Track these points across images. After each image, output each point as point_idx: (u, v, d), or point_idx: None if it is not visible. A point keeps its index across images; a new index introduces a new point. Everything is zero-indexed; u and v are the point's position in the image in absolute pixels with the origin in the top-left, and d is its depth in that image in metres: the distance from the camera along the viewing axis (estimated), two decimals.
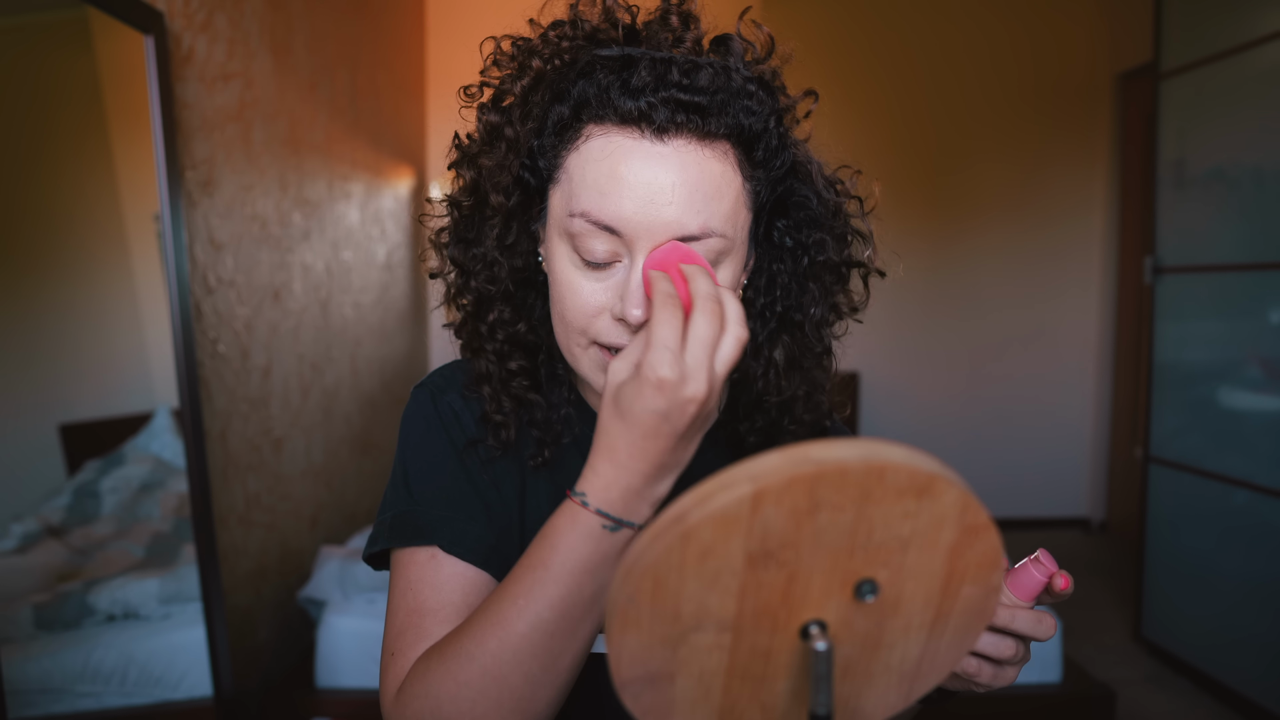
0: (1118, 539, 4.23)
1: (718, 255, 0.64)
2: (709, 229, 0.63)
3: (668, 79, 0.62)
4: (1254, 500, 2.49)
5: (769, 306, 0.74)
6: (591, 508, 0.57)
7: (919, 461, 0.42)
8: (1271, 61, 2.42)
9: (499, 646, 0.58)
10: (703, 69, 0.63)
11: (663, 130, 0.62)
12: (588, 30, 0.66)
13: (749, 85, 0.65)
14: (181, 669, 1.71)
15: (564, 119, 0.65)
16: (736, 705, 0.50)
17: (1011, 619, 0.58)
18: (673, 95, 0.61)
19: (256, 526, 2.05)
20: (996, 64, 4.32)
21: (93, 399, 1.86)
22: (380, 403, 3.01)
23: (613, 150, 0.63)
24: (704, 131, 0.62)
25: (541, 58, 0.66)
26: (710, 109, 0.62)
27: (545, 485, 0.74)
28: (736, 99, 0.63)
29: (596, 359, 0.66)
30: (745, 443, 0.76)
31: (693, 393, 0.53)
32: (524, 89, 0.66)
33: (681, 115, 0.62)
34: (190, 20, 1.78)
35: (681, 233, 0.62)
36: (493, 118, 0.68)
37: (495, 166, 0.67)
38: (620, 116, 0.62)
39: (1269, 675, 2.44)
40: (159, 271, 1.72)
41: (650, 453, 0.55)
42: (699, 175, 0.62)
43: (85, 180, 1.82)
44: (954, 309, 4.45)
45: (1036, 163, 4.35)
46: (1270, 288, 2.46)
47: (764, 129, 0.65)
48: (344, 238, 2.67)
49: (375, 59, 2.97)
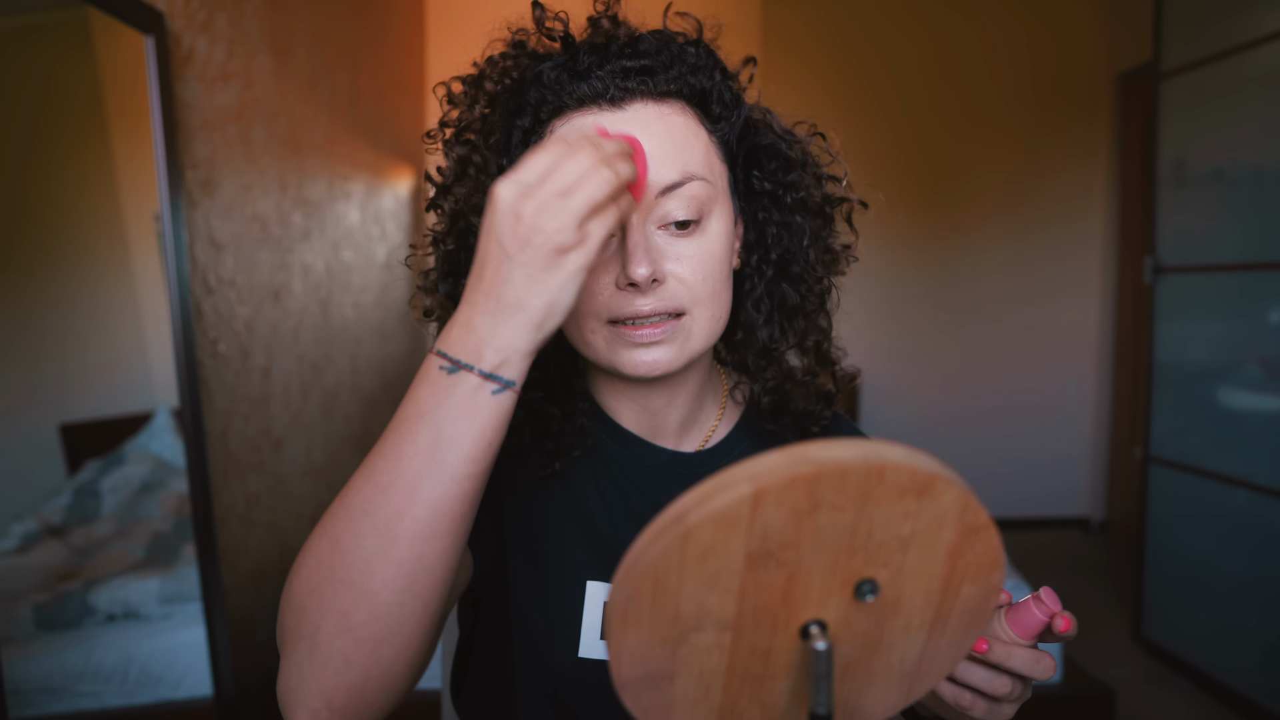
0: (1118, 539, 4.23)
1: (704, 203, 0.66)
2: (689, 173, 0.65)
3: (610, 53, 0.66)
4: (1254, 500, 2.49)
5: (764, 257, 0.75)
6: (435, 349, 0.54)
7: (919, 461, 0.42)
8: (1271, 61, 2.42)
9: (336, 506, 0.54)
10: (642, 37, 0.67)
11: (617, 99, 0.65)
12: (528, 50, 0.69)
13: (688, 47, 0.68)
14: (182, 668, 1.71)
15: (527, 128, 0.68)
16: (736, 705, 0.50)
17: (1008, 656, 0.57)
18: (619, 65, 0.65)
19: (257, 526, 2.05)
20: (996, 64, 4.32)
21: (93, 399, 1.86)
22: (380, 403, 3.01)
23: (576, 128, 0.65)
24: (657, 92, 0.65)
25: (491, 80, 0.68)
26: (656, 69, 0.65)
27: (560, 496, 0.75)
28: (680, 60, 0.67)
29: (613, 338, 0.67)
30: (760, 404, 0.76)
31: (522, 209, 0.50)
32: (481, 114, 0.69)
33: (632, 81, 0.65)
34: (190, 20, 1.78)
35: (662, 184, 0.64)
36: (459, 150, 0.69)
37: (470, 192, 0.68)
38: (577, 100, 0.65)
39: (1269, 675, 2.44)
40: (159, 271, 1.72)
41: (486, 281, 0.52)
42: (664, 129, 0.65)
43: (85, 180, 1.82)
44: (954, 309, 4.45)
45: (1036, 163, 4.35)
46: (1270, 288, 2.46)
47: (712, 84, 0.68)
48: (344, 238, 2.67)
49: (375, 59, 2.97)
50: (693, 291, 0.66)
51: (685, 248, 0.66)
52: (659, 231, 0.66)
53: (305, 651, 0.53)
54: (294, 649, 0.53)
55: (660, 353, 0.66)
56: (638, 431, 0.76)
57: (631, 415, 0.76)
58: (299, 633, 0.53)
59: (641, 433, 0.76)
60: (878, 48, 4.33)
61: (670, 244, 0.66)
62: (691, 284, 0.66)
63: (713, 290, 0.67)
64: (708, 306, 0.67)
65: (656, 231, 0.65)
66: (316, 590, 0.53)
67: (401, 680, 0.55)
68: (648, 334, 0.65)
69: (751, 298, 0.75)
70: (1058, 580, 3.66)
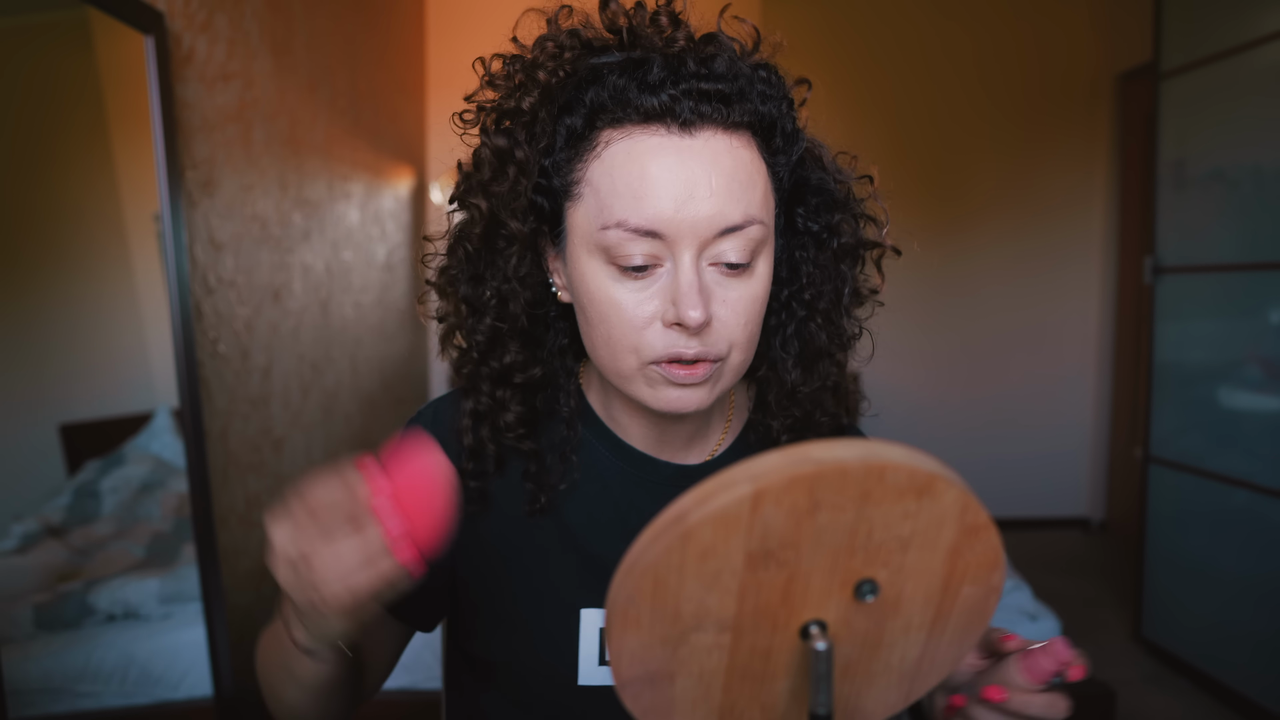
0: (1117, 539, 4.23)
1: (757, 245, 0.63)
2: (751, 216, 0.61)
3: (684, 71, 0.61)
4: (1253, 500, 2.49)
5: (795, 295, 0.72)
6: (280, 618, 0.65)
7: (919, 461, 0.42)
8: (1271, 61, 2.42)
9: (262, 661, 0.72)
10: (718, 57, 0.62)
11: (689, 123, 0.60)
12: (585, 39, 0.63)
13: (760, 71, 0.64)
14: (182, 669, 1.71)
15: (577, 130, 0.63)
16: (736, 705, 0.50)
17: (1026, 704, 0.57)
18: (694, 86, 0.60)
19: (257, 526, 2.05)
20: (996, 64, 4.31)
21: (93, 399, 1.86)
22: (380, 403, 3.01)
23: (640, 151, 0.60)
24: (728, 121, 0.61)
25: (546, 70, 0.63)
26: (732, 97, 0.61)
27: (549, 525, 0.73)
28: (752, 85, 0.62)
29: (653, 376, 0.63)
30: (778, 441, 0.74)
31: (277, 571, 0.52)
32: (531, 105, 0.63)
33: (706, 105, 0.60)
34: (190, 20, 1.78)
35: (725, 224, 0.60)
36: (499, 141, 0.64)
37: (508, 192, 0.64)
38: (642, 115, 0.60)
39: (1269, 675, 2.44)
40: (159, 271, 1.72)
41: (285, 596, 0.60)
42: (733, 164, 0.61)
43: (85, 180, 1.82)
44: (954, 309, 4.45)
45: (1036, 162, 4.35)
46: (1270, 288, 2.46)
47: (779, 114, 0.65)
48: (344, 238, 2.67)
49: (375, 59, 2.97)
50: (733, 336, 0.63)
51: (733, 290, 0.63)
52: (709, 269, 0.62)
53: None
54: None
55: (694, 394, 0.64)
56: (643, 447, 0.75)
57: (639, 432, 0.74)
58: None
59: (647, 448, 0.75)
60: (878, 48, 4.33)
61: (719, 284, 0.62)
62: (734, 328, 0.63)
63: (751, 335, 0.65)
64: (743, 350, 0.65)
65: (707, 269, 0.62)
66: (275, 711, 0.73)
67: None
68: (688, 375, 0.63)
69: (780, 335, 0.73)
70: (1058, 580, 3.66)
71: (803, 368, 0.72)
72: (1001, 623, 2.17)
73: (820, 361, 0.73)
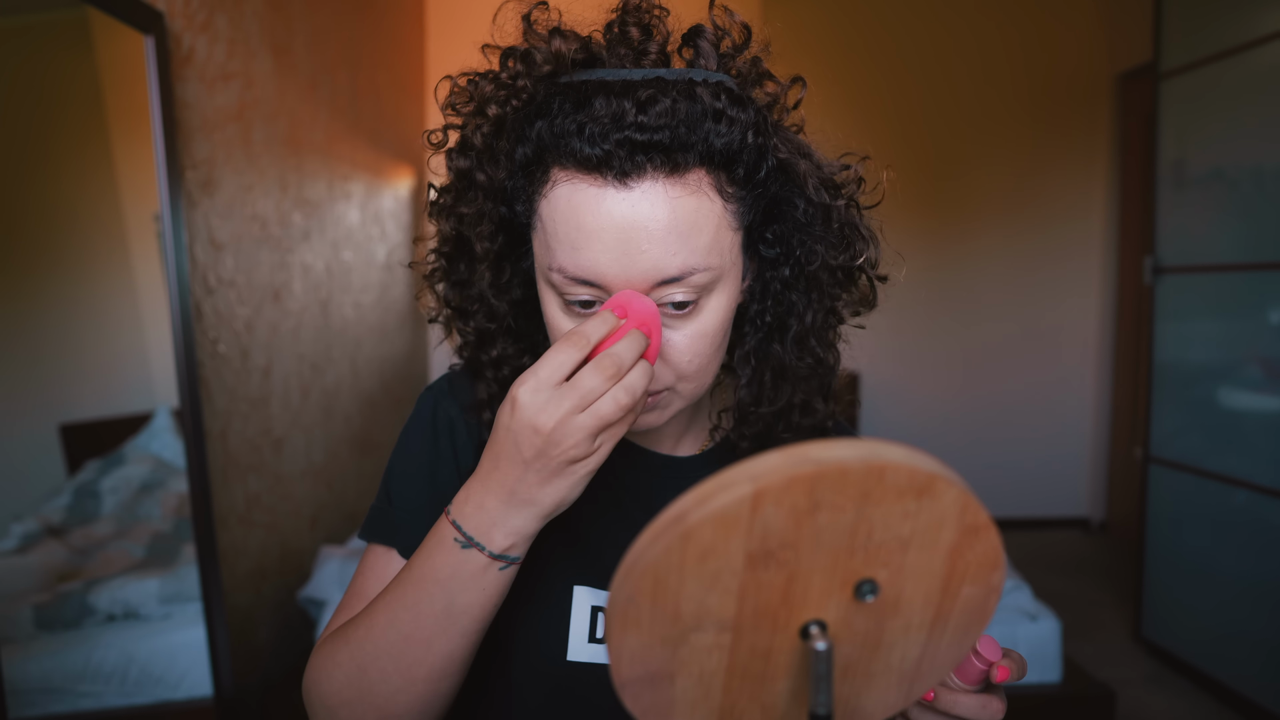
0: (1118, 539, 4.23)
1: (703, 288, 0.61)
2: (690, 267, 0.59)
3: (624, 119, 0.58)
4: (1254, 500, 2.49)
5: (759, 315, 0.71)
6: (450, 517, 0.59)
7: (919, 461, 0.42)
8: (1271, 61, 2.42)
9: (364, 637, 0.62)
10: (660, 100, 0.58)
11: (625, 174, 0.58)
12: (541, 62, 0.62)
13: (717, 103, 0.60)
14: (181, 669, 1.71)
15: (528, 159, 0.62)
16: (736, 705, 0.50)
17: (954, 703, 0.58)
18: (628, 137, 0.57)
19: (256, 526, 2.05)
20: (996, 64, 4.32)
21: (93, 399, 1.86)
22: (380, 403, 3.01)
23: (579, 201, 0.59)
24: (671, 166, 0.58)
25: (498, 102, 0.63)
26: (673, 145, 0.58)
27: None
28: (703, 122, 0.59)
29: None
30: (738, 449, 0.74)
31: (540, 423, 0.54)
32: (484, 138, 0.64)
33: (641, 155, 0.58)
34: (190, 20, 1.78)
35: (661, 276, 0.59)
36: (462, 163, 0.65)
37: (474, 214, 0.66)
38: (579, 163, 0.59)
39: (1269, 675, 2.44)
40: (159, 271, 1.72)
41: (501, 473, 0.57)
42: (670, 215, 0.58)
43: (86, 180, 1.82)
44: (954, 309, 4.45)
45: (1036, 163, 4.35)
46: (1270, 288, 2.46)
47: (741, 146, 0.61)
48: (344, 238, 2.67)
49: (375, 59, 2.97)
50: (681, 370, 0.64)
51: (678, 331, 0.62)
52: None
53: None
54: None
55: (645, 417, 0.66)
56: (631, 437, 0.76)
57: None
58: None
59: (634, 438, 0.76)
60: (878, 48, 4.33)
61: (665, 324, 0.62)
62: (679, 364, 0.63)
63: (700, 367, 0.64)
64: (694, 379, 0.65)
65: None
66: (348, 705, 0.62)
67: None
68: None
69: (740, 350, 0.72)
70: (1058, 580, 3.66)
71: (758, 387, 0.71)
72: (1001, 623, 2.17)
73: (780, 384, 0.71)
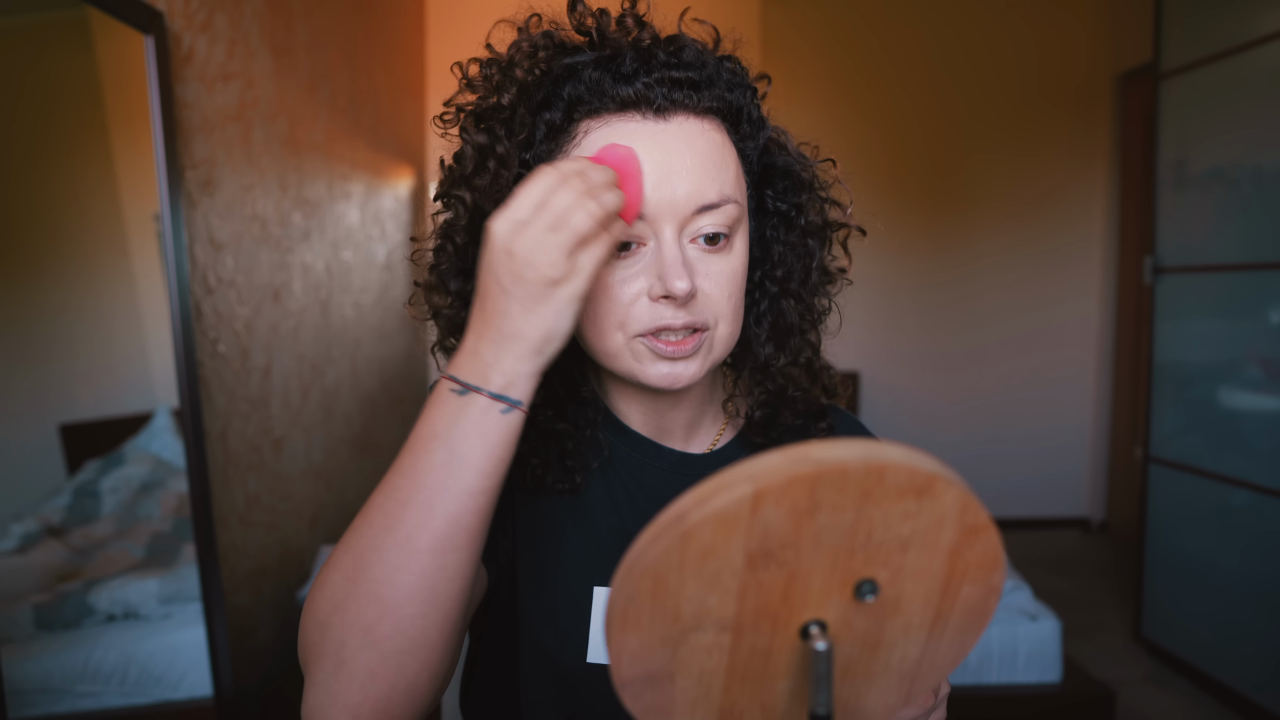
0: (1118, 539, 4.23)
1: (734, 223, 0.66)
2: (726, 195, 0.65)
3: (656, 61, 0.65)
4: (1253, 500, 2.49)
5: (768, 274, 0.75)
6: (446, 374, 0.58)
7: (919, 461, 0.42)
8: (1271, 61, 2.42)
9: (360, 521, 0.57)
10: (686, 47, 0.66)
11: (662, 109, 0.64)
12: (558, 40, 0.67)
13: (725, 62, 0.69)
14: (181, 669, 1.71)
15: (556, 124, 0.66)
16: (736, 705, 0.50)
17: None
18: (666, 74, 0.64)
19: (256, 526, 2.05)
20: (996, 64, 4.32)
21: (93, 399, 1.86)
22: (380, 403, 3.01)
23: (618, 137, 0.64)
24: (699, 106, 0.65)
25: (522, 69, 0.66)
26: (701, 84, 0.65)
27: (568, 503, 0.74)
28: (718, 75, 0.67)
29: (639, 350, 0.66)
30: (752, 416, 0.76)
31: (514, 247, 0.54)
32: (510, 101, 0.66)
33: (678, 92, 0.64)
34: (190, 20, 1.78)
35: (702, 202, 0.64)
36: (479, 138, 0.67)
37: (490, 185, 0.67)
38: (619, 104, 0.64)
39: (1269, 675, 2.44)
40: (159, 272, 1.72)
41: (486, 312, 0.56)
42: (705, 146, 0.65)
43: (85, 180, 1.82)
44: (954, 309, 4.45)
45: (1036, 163, 4.35)
46: (1270, 288, 2.46)
47: (745, 102, 0.69)
48: (344, 238, 2.67)
49: (375, 59, 2.96)
50: (718, 307, 0.67)
51: (714, 264, 0.66)
52: (690, 245, 0.66)
53: (330, 668, 0.54)
54: (318, 666, 0.55)
55: (686, 367, 0.66)
56: (645, 432, 0.77)
57: (639, 417, 0.76)
58: (323, 649, 0.55)
59: (649, 433, 0.77)
60: (877, 48, 4.33)
61: (701, 259, 0.66)
62: (718, 300, 0.67)
63: (735, 308, 0.68)
64: (730, 322, 0.68)
65: (689, 245, 0.66)
66: (341, 605, 0.55)
67: (425, 692, 0.56)
68: (677, 349, 0.66)
69: (754, 313, 0.76)
70: (1058, 580, 3.66)
71: (775, 343, 0.75)
72: (1001, 622, 2.17)
73: (792, 338, 0.76)
